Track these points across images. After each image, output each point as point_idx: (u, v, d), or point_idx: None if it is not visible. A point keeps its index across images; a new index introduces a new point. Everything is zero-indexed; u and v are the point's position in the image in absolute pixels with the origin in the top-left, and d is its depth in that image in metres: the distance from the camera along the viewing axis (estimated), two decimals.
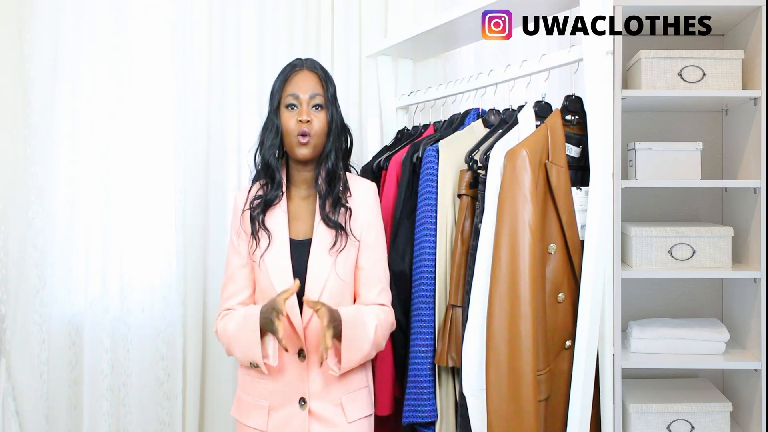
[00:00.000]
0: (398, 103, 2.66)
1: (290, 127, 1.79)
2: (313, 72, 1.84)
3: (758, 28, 2.00)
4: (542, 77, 1.97)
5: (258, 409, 1.82)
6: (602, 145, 1.78)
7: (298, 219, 1.85)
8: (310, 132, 1.78)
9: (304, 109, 1.79)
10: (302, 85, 1.81)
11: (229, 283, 1.88)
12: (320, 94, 1.81)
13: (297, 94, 1.80)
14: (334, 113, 1.82)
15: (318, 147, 1.81)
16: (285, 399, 1.80)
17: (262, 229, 1.81)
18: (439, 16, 2.24)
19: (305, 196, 1.87)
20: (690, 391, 2.19)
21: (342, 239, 1.80)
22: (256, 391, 1.83)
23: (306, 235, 1.83)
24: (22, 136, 2.72)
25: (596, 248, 1.77)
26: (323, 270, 1.78)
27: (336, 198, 1.82)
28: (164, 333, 2.78)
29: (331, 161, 1.82)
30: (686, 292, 2.35)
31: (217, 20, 2.78)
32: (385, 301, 1.86)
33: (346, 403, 1.81)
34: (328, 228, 1.81)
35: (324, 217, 1.81)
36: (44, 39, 2.72)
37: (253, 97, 2.81)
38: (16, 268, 2.72)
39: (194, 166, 2.77)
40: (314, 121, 1.79)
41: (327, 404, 1.80)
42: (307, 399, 1.79)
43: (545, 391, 1.77)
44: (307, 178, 1.87)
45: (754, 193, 2.05)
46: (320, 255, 1.79)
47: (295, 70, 1.84)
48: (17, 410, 2.72)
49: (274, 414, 1.80)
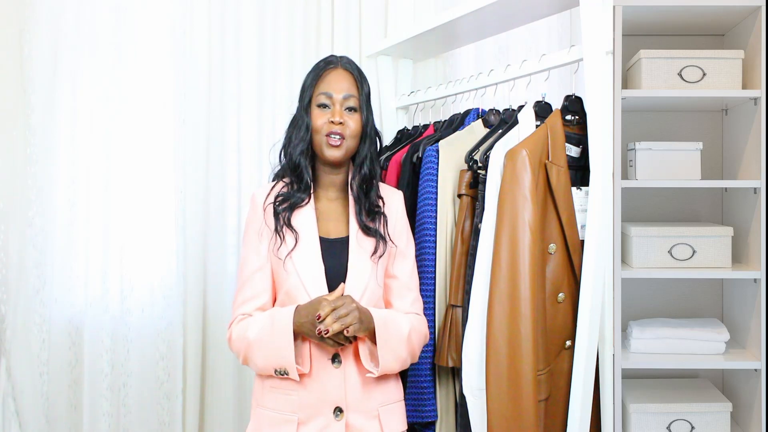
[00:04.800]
0: (398, 103, 2.66)
1: (320, 125, 1.70)
2: (348, 71, 1.74)
3: (758, 28, 2.00)
4: (542, 77, 1.97)
5: (285, 424, 1.66)
6: (602, 145, 1.78)
7: (328, 219, 1.76)
8: (344, 134, 1.69)
9: (336, 109, 1.70)
10: (336, 85, 1.72)
11: (245, 286, 1.73)
12: (354, 96, 1.72)
13: (330, 93, 1.71)
14: (368, 116, 1.74)
15: (350, 150, 1.72)
16: (317, 410, 1.65)
17: (288, 227, 1.70)
18: (439, 16, 2.24)
19: (333, 198, 1.78)
20: (690, 391, 2.19)
21: (382, 246, 1.73)
22: (282, 405, 1.68)
23: (338, 234, 1.74)
24: (22, 136, 2.72)
25: (596, 248, 1.77)
26: (364, 272, 1.70)
27: (372, 205, 1.75)
28: (164, 333, 2.78)
29: (368, 166, 1.74)
30: (686, 292, 2.35)
31: (217, 20, 2.78)
32: (419, 310, 1.79)
33: (384, 415, 1.71)
34: (367, 236, 1.73)
35: (362, 226, 1.73)
36: (44, 39, 2.72)
37: (253, 98, 2.82)
38: (16, 268, 2.72)
39: (194, 167, 2.77)
40: (348, 123, 1.70)
41: (364, 416, 1.68)
42: (344, 409, 1.66)
43: (545, 391, 1.77)
44: (335, 182, 1.78)
45: (754, 193, 2.05)
46: (360, 258, 1.71)
47: (329, 68, 1.74)
48: (17, 410, 2.72)
49: (303, 429, 1.65)
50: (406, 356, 1.71)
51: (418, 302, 1.80)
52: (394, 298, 1.77)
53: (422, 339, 1.77)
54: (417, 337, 1.73)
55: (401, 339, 1.68)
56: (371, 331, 1.64)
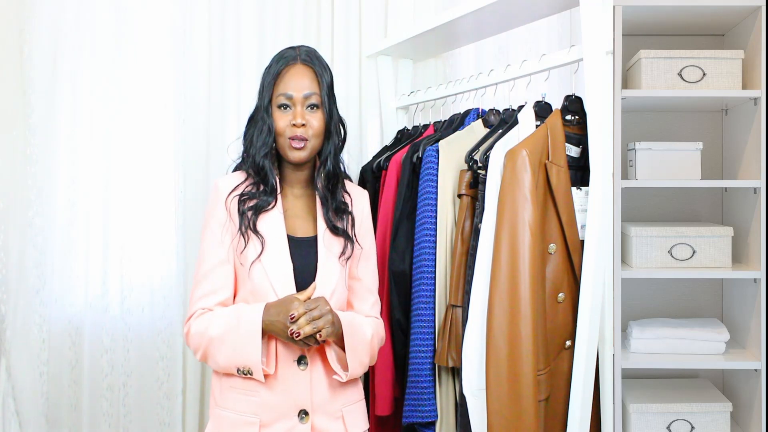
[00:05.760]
0: (398, 103, 2.66)
1: (282, 128, 1.65)
2: (308, 66, 1.68)
3: (758, 28, 2.00)
4: (542, 77, 1.97)
5: (246, 426, 1.60)
6: (602, 145, 1.78)
7: (295, 216, 1.71)
8: (306, 135, 1.65)
9: (298, 110, 1.65)
10: (296, 84, 1.66)
11: (206, 279, 1.65)
12: (316, 93, 1.66)
13: (290, 94, 1.65)
14: (332, 110, 1.68)
15: (315, 149, 1.68)
16: (280, 413, 1.61)
17: (252, 231, 1.64)
18: (439, 16, 2.24)
19: (300, 195, 1.75)
20: (690, 391, 2.19)
21: (349, 247, 1.70)
22: (243, 407, 1.61)
23: (306, 232, 1.70)
24: (22, 136, 2.72)
25: (596, 248, 1.77)
26: (333, 273, 1.67)
27: (339, 204, 1.71)
28: (164, 333, 2.78)
29: (330, 163, 1.70)
30: (686, 292, 2.35)
31: (217, 20, 2.78)
32: (378, 313, 1.78)
33: (347, 415, 1.68)
34: (335, 236, 1.70)
35: (330, 226, 1.69)
36: (44, 39, 2.72)
37: (253, 98, 2.79)
38: (16, 268, 2.72)
39: (194, 166, 2.77)
40: (311, 122, 1.65)
41: (328, 418, 1.65)
42: (309, 411, 1.62)
43: (545, 391, 1.77)
44: (300, 178, 1.74)
45: (754, 193, 2.05)
46: (329, 260, 1.68)
47: (288, 65, 1.68)
48: (17, 410, 2.72)
49: (266, 431, 1.60)
50: (368, 361, 1.70)
51: (377, 305, 1.79)
52: (356, 300, 1.74)
53: (380, 343, 1.77)
54: (378, 342, 1.74)
55: (365, 343, 1.67)
56: (339, 335, 1.61)
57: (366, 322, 1.70)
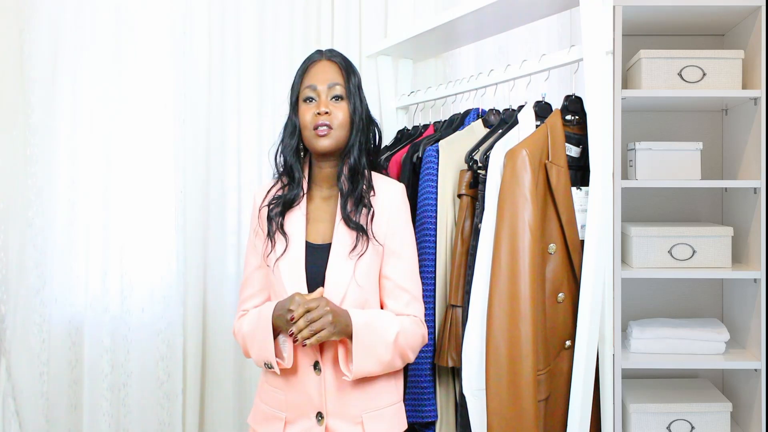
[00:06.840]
0: (398, 103, 2.66)
1: (307, 120, 1.67)
2: (332, 61, 1.72)
3: (758, 28, 2.00)
4: (542, 77, 1.97)
5: (275, 420, 1.71)
6: (602, 145, 1.78)
7: (318, 221, 1.73)
8: (330, 123, 1.65)
9: (322, 100, 1.67)
10: (320, 76, 1.69)
11: (246, 285, 1.79)
12: (340, 84, 1.69)
13: (314, 86, 1.68)
14: (357, 105, 1.69)
15: (341, 140, 1.68)
16: (301, 413, 1.67)
17: (279, 232, 1.70)
18: (439, 16, 2.24)
19: (327, 196, 1.74)
20: (690, 391, 2.19)
21: (363, 243, 1.66)
22: (274, 401, 1.72)
23: (325, 239, 1.70)
24: (22, 136, 2.72)
25: (596, 248, 1.77)
26: (343, 277, 1.65)
27: (359, 196, 1.68)
28: (164, 333, 2.79)
29: (354, 156, 1.69)
30: (686, 292, 2.35)
31: (217, 20, 2.79)
32: (415, 312, 1.71)
33: (368, 422, 1.66)
34: (348, 229, 1.67)
35: (345, 217, 1.67)
36: (44, 39, 2.72)
37: (253, 97, 2.82)
38: (16, 268, 2.73)
39: (194, 166, 2.77)
40: (335, 112, 1.66)
41: (346, 423, 1.66)
42: (324, 414, 1.65)
43: (545, 391, 1.77)
44: (328, 175, 1.74)
45: (754, 193, 2.05)
46: (339, 261, 1.66)
47: (313, 62, 1.73)
48: (17, 410, 2.72)
49: (290, 427, 1.68)
50: (391, 359, 1.64)
51: (415, 304, 1.72)
52: (387, 299, 1.72)
53: (415, 341, 1.70)
54: (407, 340, 1.67)
55: (385, 341, 1.62)
56: (349, 333, 1.60)
57: (391, 321, 1.66)
